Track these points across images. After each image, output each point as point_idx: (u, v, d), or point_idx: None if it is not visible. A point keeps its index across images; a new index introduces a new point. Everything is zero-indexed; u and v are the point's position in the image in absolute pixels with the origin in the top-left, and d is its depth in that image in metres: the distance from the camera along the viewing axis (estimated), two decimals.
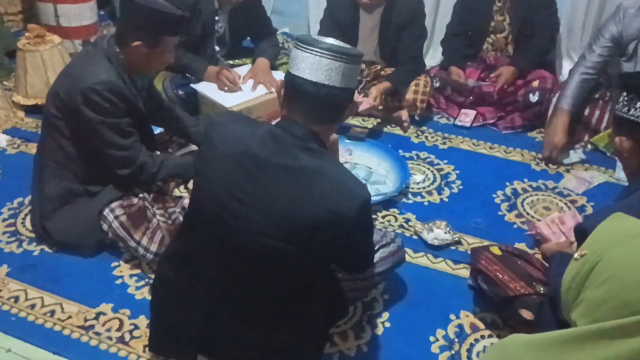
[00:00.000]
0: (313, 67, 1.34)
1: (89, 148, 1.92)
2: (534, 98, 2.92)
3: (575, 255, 1.01)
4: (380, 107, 2.90)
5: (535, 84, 2.94)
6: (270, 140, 1.37)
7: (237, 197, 1.36)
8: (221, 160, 1.39)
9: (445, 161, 2.71)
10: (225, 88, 2.56)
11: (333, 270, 1.65)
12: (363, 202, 1.36)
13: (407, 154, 2.75)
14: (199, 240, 1.46)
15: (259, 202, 1.35)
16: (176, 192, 2.28)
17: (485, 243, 2.11)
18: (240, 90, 2.57)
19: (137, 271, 1.98)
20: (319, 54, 1.34)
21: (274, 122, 1.47)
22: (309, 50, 1.35)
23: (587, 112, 2.78)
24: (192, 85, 2.62)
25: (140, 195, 2.00)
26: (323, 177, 1.34)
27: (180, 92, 2.58)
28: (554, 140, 2.66)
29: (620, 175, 2.57)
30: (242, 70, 2.76)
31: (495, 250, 1.82)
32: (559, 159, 2.70)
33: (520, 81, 3.02)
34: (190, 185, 2.12)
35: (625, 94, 1.44)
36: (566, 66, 3.31)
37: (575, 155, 2.74)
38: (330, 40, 1.40)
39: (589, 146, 2.82)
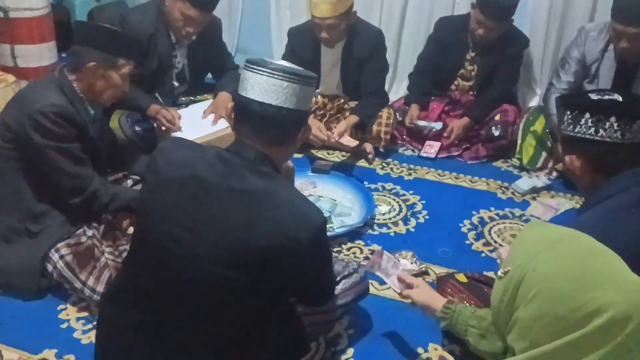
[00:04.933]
0: (260, 87, 1.31)
1: (40, 178, 1.85)
2: (496, 132, 2.95)
3: (499, 272, 0.96)
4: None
5: (497, 117, 2.97)
6: (218, 163, 1.31)
7: (182, 223, 1.28)
8: (165, 185, 1.32)
9: (411, 192, 2.68)
10: (163, 128, 2.49)
11: (290, 304, 1.56)
12: (318, 226, 1.30)
13: (373, 186, 2.72)
14: (142, 274, 1.37)
15: (206, 228, 1.27)
16: (130, 230, 2.18)
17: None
18: (180, 131, 2.47)
19: (85, 314, 1.85)
20: (267, 74, 1.32)
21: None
22: (257, 71, 1.32)
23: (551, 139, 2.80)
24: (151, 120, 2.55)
25: (89, 233, 1.90)
26: (275, 200, 1.28)
27: (137, 129, 2.50)
28: None
29: None
30: (203, 105, 2.71)
31: (461, 277, 1.76)
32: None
33: None
34: None
35: (568, 112, 1.43)
36: (528, 98, 3.36)
37: (540, 181, 2.73)
38: (282, 62, 1.38)
39: (554, 173, 2.82)
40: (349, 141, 2.80)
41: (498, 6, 2.77)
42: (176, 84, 2.78)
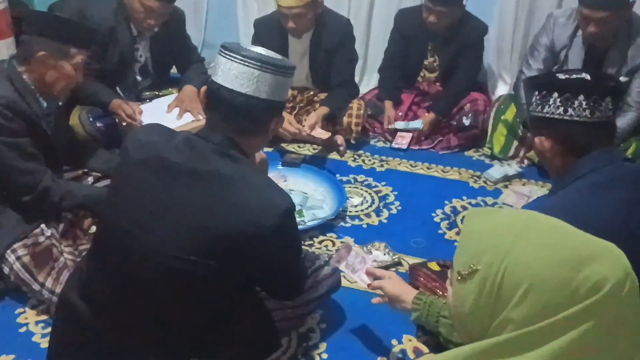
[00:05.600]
0: (231, 73, 1.28)
1: None
2: (467, 121, 2.94)
3: (458, 276, 0.86)
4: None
5: (467, 107, 2.95)
6: (185, 147, 1.27)
7: (146, 206, 1.24)
8: (131, 167, 1.29)
9: (383, 183, 2.65)
10: (124, 124, 2.40)
11: (260, 298, 1.50)
12: (284, 211, 1.25)
13: (345, 178, 2.68)
14: (102, 264, 1.31)
15: (168, 210, 1.23)
16: (92, 229, 2.09)
17: None
18: (140, 124, 2.35)
19: (44, 317, 1.77)
20: (239, 61, 1.28)
21: None
22: (229, 57, 1.29)
23: (522, 128, 2.79)
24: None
25: (48, 233, 1.81)
26: (240, 184, 1.24)
27: (99, 125, 2.42)
28: None
29: None
30: (168, 100, 2.63)
31: (434, 265, 1.73)
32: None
33: None
34: None
35: (537, 93, 1.41)
36: (498, 86, 3.35)
37: (511, 169, 2.72)
38: (258, 49, 1.33)
39: (526, 161, 2.81)
40: (321, 133, 2.76)
41: None
42: (139, 78, 2.70)
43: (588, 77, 1.36)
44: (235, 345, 1.40)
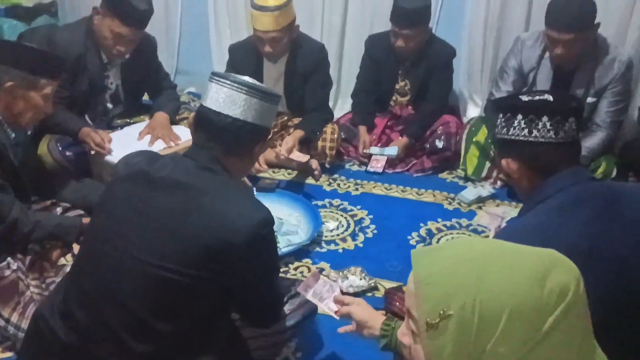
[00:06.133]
0: (220, 97, 1.35)
1: None
2: (439, 144, 2.96)
3: (426, 327, 0.80)
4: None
5: (440, 129, 2.98)
6: (169, 162, 1.34)
7: (126, 216, 1.27)
8: (117, 183, 1.36)
9: (359, 207, 2.64)
10: (92, 152, 2.36)
11: (235, 326, 1.47)
12: (258, 223, 1.26)
13: (320, 202, 2.67)
14: (82, 279, 1.31)
15: (147, 220, 1.25)
16: (61, 261, 2.04)
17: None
18: (110, 154, 2.32)
19: (10, 354, 1.71)
20: (228, 86, 1.36)
21: None
22: (218, 82, 1.37)
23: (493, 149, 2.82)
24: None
25: (14, 266, 1.75)
26: (219, 194, 1.28)
27: (68, 153, 2.37)
28: None
29: None
30: (139, 127, 2.60)
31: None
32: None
33: None
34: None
35: (501, 115, 1.42)
36: (470, 109, 3.40)
37: (485, 190, 2.74)
38: (245, 77, 1.41)
39: (499, 182, 2.83)
40: (299, 156, 2.74)
41: (404, 13, 2.80)
42: (110, 105, 2.67)
43: (551, 98, 1.37)
44: None
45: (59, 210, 2.05)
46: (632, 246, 1.22)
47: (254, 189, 2.61)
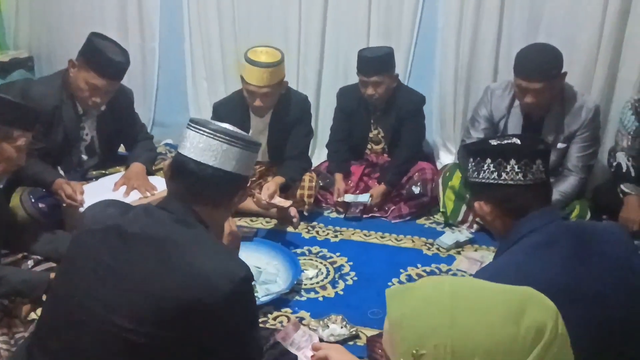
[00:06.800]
0: (199, 146, 1.31)
1: None
2: (416, 189, 3.00)
3: None
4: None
5: (416, 176, 3.02)
6: (142, 216, 1.27)
7: (97, 274, 1.20)
8: (86, 237, 1.27)
9: (338, 254, 2.63)
10: (63, 205, 2.31)
11: None
12: (240, 280, 1.20)
13: (299, 250, 2.64)
14: (47, 337, 1.24)
15: (119, 277, 1.18)
16: (32, 316, 1.96)
17: None
18: (82, 206, 2.27)
19: None
20: (207, 134, 1.31)
21: None
22: (197, 130, 1.33)
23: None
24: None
25: None
26: (194, 250, 1.21)
27: (41, 205, 2.32)
28: None
29: None
30: (114, 178, 2.57)
31: None
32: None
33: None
34: None
35: (471, 159, 1.46)
36: (444, 156, 3.46)
37: (462, 235, 2.75)
38: (225, 125, 1.38)
39: (475, 225, 2.85)
40: (281, 201, 2.70)
41: (368, 61, 2.90)
42: (85, 157, 2.64)
43: (518, 141, 1.42)
44: None
45: (30, 263, 2.01)
46: (608, 282, 1.24)
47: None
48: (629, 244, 1.35)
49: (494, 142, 1.46)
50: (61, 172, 2.48)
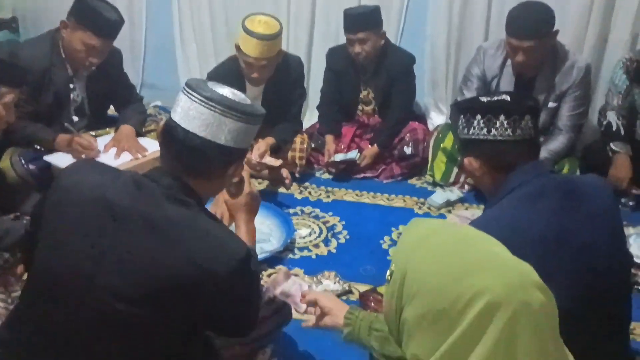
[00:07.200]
0: (190, 113, 1.20)
1: None
2: (408, 150, 3.01)
3: (387, 276, 0.97)
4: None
5: (407, 136, 3.03)
6: (132, 187, 1.19)
7: (84, 251, 1.15)
8: (69, 208, 1.18)
9: (330, 213, 2.65)
10: (83, 156, 2.32)
11: (206, 336, 1.43)
12: (240, 259, 1.17)
13: (292, 210, 2.67)
14: (36, 313, 1.20)
15: (110, 257, 1.14)
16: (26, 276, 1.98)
17: None
18: (99, 157, 2.31)
19: None
20: (199, 101, 1.20)
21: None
22: (188, 95, 1.22)
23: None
24: (45, 157, 2.35)
25: None
26: (192, 230, 1.16)
27: (31, 167, 2.30)
28: None
29: None
30: (104, 140, 2.55)
31: (383, 290, 1.71)
32: None
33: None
34: None
35: (462, 117, 1.47)
36: (436, 117, 3.46)
37: (453, 194, 2.78)
38: (225, 91, 1.25)
39: (466, 186, 2.88)
40: (271, 161, 2.69)
41: (352, 17, 2.88)
42: (75, 118, 2.61)
43: (508, 98, 1.43)
44: None
45: (24, 222, 2.00)
46: (595, 233, 1.28)
47: None
48: (612, 196, 1.40)
49: (484, 99, 1.47)
50: (70, 127, 2.46)
